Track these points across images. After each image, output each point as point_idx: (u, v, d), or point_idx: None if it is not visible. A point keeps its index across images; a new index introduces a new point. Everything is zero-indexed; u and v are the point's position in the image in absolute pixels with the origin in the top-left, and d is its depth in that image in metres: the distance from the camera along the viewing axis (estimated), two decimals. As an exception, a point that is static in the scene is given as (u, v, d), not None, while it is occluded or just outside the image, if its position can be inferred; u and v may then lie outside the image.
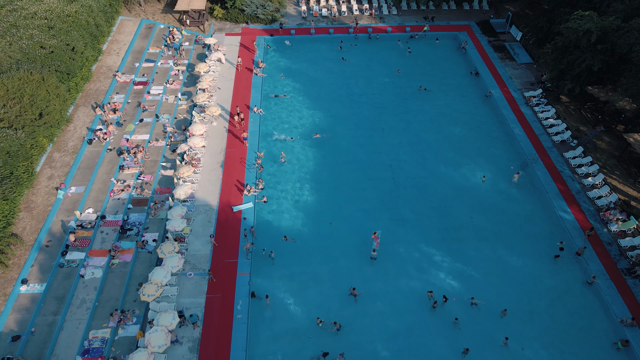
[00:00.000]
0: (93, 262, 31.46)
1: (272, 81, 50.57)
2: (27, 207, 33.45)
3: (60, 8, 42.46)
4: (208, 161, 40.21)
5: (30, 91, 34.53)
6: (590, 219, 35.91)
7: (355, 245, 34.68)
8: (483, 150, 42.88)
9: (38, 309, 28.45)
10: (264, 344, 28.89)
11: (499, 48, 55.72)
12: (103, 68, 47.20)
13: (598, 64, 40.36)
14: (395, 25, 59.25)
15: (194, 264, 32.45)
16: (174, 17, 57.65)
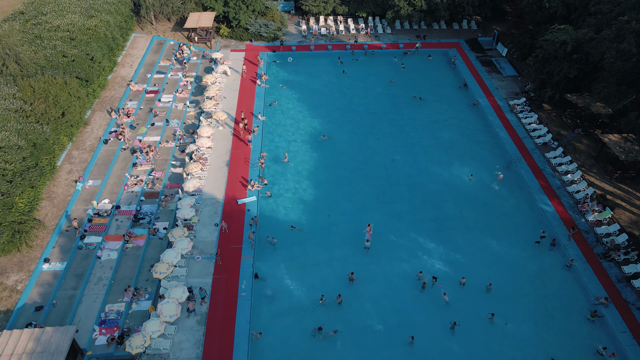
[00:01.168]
0: (109, 245, 34.07)
1: (274, 91, 54.13)
2: (49, 197, 36.28)
3: (82, 22, 46.36)
4: (214, 161, 43.24)
5: (54, 92, 37.89)
6: (569, 211, 38.72)
7: (351, 235, 37.28)
8: (471, 152, 46.02)
9: (59, 284, 30.91)
10: (266, 319, 31.22)
11: (486, 63, 59.68)
12: (118, 78, 50.85)
13: (574, 72, 44.00)
14: (390, 43, 63.44)
15: (202, 249, 35.03)
16: (182, 35, 61.84)
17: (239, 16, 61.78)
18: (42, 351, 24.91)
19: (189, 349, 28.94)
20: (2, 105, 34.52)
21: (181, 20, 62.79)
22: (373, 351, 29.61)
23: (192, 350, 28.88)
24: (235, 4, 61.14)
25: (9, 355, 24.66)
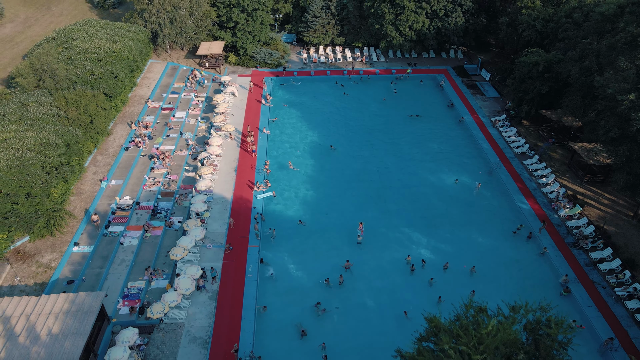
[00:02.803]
0: (130, 234, 38.12)
1: (278, 109, 59.44)
2: (77, 193, 40.64)
3: (107, 46, 52.15)
4: (224, 167, 47.83)
5: (84, 103, 42.95)
6: (543, 208, 42.97)
7: (347, 229, 41.29)
8: (456, 160, 50.69)
9: (87, 263, 34.80)
10: (271, 296, 34.86)
11: (471, 86, 65.40)
12: (137, 96, 56.24)
13: (546, 88, 49.36)
14: (383, 69, 69.45)
15: (213, 239, 39.04)
16: (194, 61, 67.90)
17: (246, 45, 68.02)
18: (77, 311, 28.59)
19: (202, 319, 32.51)
20: (42, 111, 39.45)
21: (193, 48, 69.05)
22: (366, 322, 33.12)
23: (204, 320, 32.45)
24: (243, 35, 67.47)
25: (47, 314, 28.33)
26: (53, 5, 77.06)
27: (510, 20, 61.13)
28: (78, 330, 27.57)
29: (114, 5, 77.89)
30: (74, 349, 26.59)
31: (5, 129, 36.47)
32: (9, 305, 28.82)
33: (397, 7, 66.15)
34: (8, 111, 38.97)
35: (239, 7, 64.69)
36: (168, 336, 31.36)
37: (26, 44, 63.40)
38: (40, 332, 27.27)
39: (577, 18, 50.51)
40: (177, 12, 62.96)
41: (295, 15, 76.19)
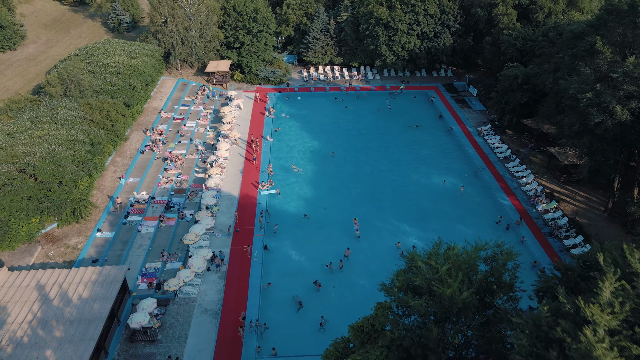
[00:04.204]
0: (147, 223, 42.10)
1: (280, 121, 64.25)
2: (99, 188, 44.85)
3: (126, 61, 57.36)
4: (231, 169, 52.16)
5: (106, 109, 47.67)
6: (523, 204, 47.09)
7: (343, 222, 45.32)
8: (444, 164, 55.07)
9: (109, 246, 38.69)
10: (274, 276, 38.57)
11: (460, 101, 70.47)
12: (150, 108, 61.13)
13: (525, 98, 54.24)
14: (378, 86, 74.72)
15: (221, 229, 42.98)
16: (203, 79, 73.22)
17: (251, 64, 73.47)
18: (103, 281, 32.40)
19: (213, 295, 36.20)
20: (70, 114, 44.08)
21: (202, 66, 74.51)
22: (361, 297, 36.71)
23: (215, 296, 36.14)
24: (248, 54, 73.00)
25: (77, 283, 32.11)
26: (72, 28, 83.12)
27: (493, 39, 66.67)
28: (105, 295, 31.33)
29: (128, 29, 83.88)
30: (102, 310, 30.31)
31: (39, 128, 40.99)
32: (43, 276, 32.64)
33: (391, 29, 71.89)
34: (40, 114, 43.60)
35: (245, 29, 70.42)
36: (182, 308, 34.99)
37: (48, 62, 68.84)
38: (72, 297, 31.01)
39: (552, 37, 55.79)
40: (188, 34, 68.62)
41: (297, 38, 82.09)
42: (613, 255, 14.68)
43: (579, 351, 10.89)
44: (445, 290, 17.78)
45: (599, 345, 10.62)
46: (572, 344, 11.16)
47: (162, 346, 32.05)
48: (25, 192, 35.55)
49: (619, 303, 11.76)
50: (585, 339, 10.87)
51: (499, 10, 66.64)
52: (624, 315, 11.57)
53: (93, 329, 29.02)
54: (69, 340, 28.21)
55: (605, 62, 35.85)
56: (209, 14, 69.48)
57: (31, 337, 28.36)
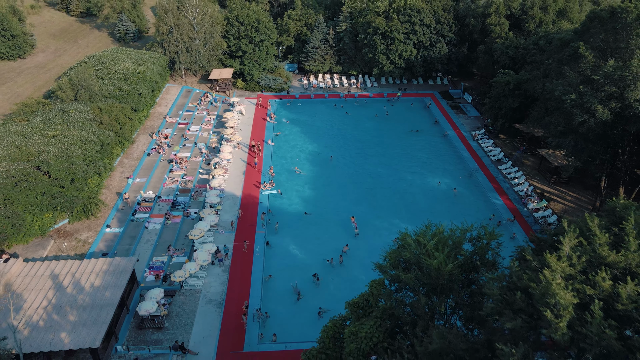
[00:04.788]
0: (154, 220, 43.97)
1: (281, 126, 66.43)
2: (108, 187, 46.79)
3: (133, 68, 59.73)
4: (233, 171, 54.15)
5: (115, 112, 49.82)
6: (515, 203, 48.99)
7: (342, 220, 47.18)
8: (440, 167, 57.08)
9: (118, 241, 40.51)
10: (276, 270, 40.31)
11: (455, 107, 72.74)
12: (156, 113, 63.35)
13: (516, 103, 56.45)
14: (376, 93, 77.07)
15: (224, 226, 44.82)
16: (206, 86, 75.60)
17: (253, 72, 75.92)
18: (114, 271, 34.17)
19: (217, 286, 37.92)
20: (81, 116, 46.19)
21: (205, 75, 76.95)
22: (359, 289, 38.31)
23: (219, 287, 37.85)
24: (250, 63, 75.48)
25: (89, 272, 33.88)
26: (79, 38, 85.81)
27: (487, 48, 69.16)
28: (116, 284, 33.09)
29: (133, 39, 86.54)
30: (113, 297, 32.05)
31: (52, 129, 43.05)
32: (57, 266, 34.41)
33: (388, 38, 74.46)
34: (53, 116, 45.71)
35: (247, 38, 73.00)
36: (188, 298, 36.69)
37: (57, 70, 71.25)
38: (84, 285, 32.77)
39: (542, 45, 58.20)
40: (192, 42, 71.16)
41: (297, 47, 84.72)
42: (578, 224, 16.60)
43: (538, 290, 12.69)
44: (432, 262, 19.61)
45: (555, 283, 12.41)
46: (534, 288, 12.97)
47: (169, 333, 33.69)
48: (39, 188, 37.49)
49: (576, 256, 13.59)
50: (544, 278, 12.69)
51: (492, 21, 69.22)
52: (580, 266, 13.38)
53: (105, 314, 30.74)
54: (83, 324, 29.92)
55: (588, 65, 38.06)
56: (212, 24, 72.09)
57: (46, 321, 30.07)
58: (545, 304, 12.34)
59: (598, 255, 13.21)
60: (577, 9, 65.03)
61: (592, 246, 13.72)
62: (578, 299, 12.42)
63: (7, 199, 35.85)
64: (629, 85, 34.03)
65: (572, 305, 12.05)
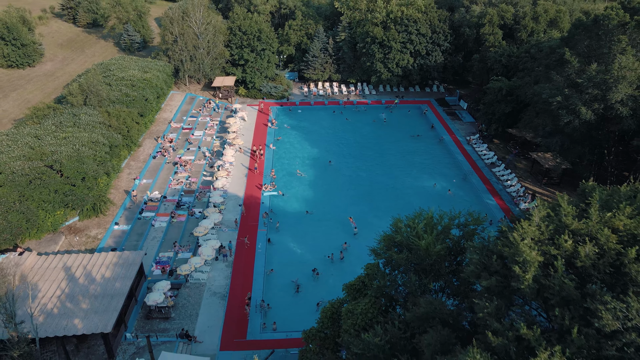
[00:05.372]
0: (160, 219, 45.77)
1: (282, 131, 68.56)
2: (115, 187, 48.69)
3: (139, 75, 62.01)
4: (236, 173, 56.08)
5: (123, 116, 51.92)
6: (507, 203, 50.82)
7: (341, 219, 49.00)
8: (435, 170, 59.05)
9: (126, 237, 42.29)
10: (276, 266, 42.03)
11: (451, 114, 74.94)
12: (161, 118, 65.51)
13: (509, 108, 58.62)
14: (374, 100, 79.38)
15: (228, 224, 46.62)
16: (209, 93, 77.89)
17: (254, 80, 78.27)
18: (123, 263, 35.90)
19: (221, 280, 39.62)
20: (91, 119, 48.26)
21: (208, 82, 79.31)
22: (356, 283, 40.07)
23: (222, 281, 39.55)
24: (252, 71, 77.86)
25: (100, 265, 35.60)
26: (86, 48, 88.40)
27: (481, 56, 71.57)
28: (125, 275, 34.79)
29: (138, 49, 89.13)
30: (123, 287, 33.74)
31: (64, 131, 45.07)
32: (69, 259, 36.13)
33: (386, 47, 76.95)
34: (64, 119, 47.77)
35: (249, 47, 75.47)
36: (193, 291, 38.38)
37: (65, 78, 73.57)
38: (95, 276, 34.48)
39: (533, 53, 60.59)
40: (196, 51, 73.60)
41: (298, 56, 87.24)
42: (551, 204, 18.48)
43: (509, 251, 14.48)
44: (420, 243, 21.43)
45: (522, 243, 14.20)
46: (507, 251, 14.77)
47: (175, 323, 35.33)
48: (52, 186, 39.38)
49: (544, 225, 15.41)
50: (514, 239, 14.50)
51: (486, 30, 71.69)
52: (547, 233, 15.17)
53: (115, 302, 32.40)
54: (94, 311, 31.58)
55: (574, 70, 40.22)
56: (216, 34, 74.60)
57: (60, 309, 31.73)
58: (515, 262, 14.12)
59: (563, 223, 15.04)
60: (567, 19, 67.51)
61: (558, 217, 15.56)
62: (543, 258, 14.20)
63: (22, 196, 37.71)
64: (610, 88, 36.12)
65: (538, 262, 13.83)
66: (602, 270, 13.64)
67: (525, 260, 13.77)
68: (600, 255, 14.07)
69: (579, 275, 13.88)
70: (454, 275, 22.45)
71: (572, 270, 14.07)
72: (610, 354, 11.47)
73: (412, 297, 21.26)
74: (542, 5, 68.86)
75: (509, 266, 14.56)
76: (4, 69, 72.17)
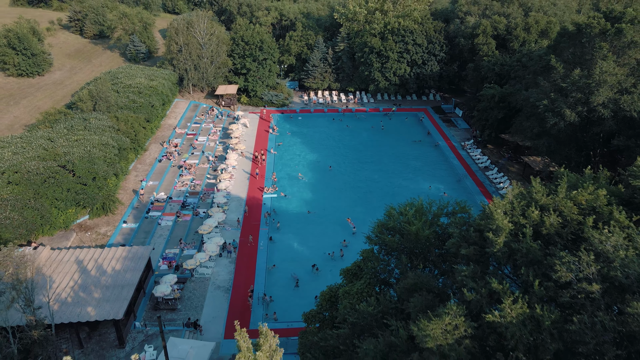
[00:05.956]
0: (166, 218, 47.77)
1: (283, 137, 70.86)
2: (123, 188, 50.77)
3: (146, 82, 64.49)
4: (238, 177, 58.19)
5: (130, 121, 54.22)
6: (500, 204, 52.80)
7: (339, 219, 51.00)
8: (431, 173, 61.18)
9: (134, 234, 44.24)
10: (277, 262, 43.92)
11: (446, 121, 77.32)
12: (166, 125, 67.83)
13: (501, 114, 60.93)
14: (372, 108, 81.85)
15: (231, 224, 48.58)
16: (212, 101, 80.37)
17: (256, 88, 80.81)
18: (132, 257, 37.83)
19: (224, 275, 41.48)
20: (101, 123, 50.53)
21: (211, 90, 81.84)
22: (353, 278, 41.93)
23: (226, 276, 41.41)
24: (253, 80, 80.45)
25: (110, 258, 37.52)
26: (93, 58, 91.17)
27: (475, 65, 74.14)
28: (135, 268, 36.72)
29: (143, 59, 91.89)
30: (133, 278, 35.65)
31: (75, 134, 47.28)
32: (81, 253, 38.07)
33: (383, 57, 79.63)
34: (75, 123, 50.04)
35: (251, 57, 78.15)
36: (198, 285, 40.21)
37: (73, 86, 76.08)
38: (106, 269, 36.40)
39: (524, 61, 63.11)
40: (200, 61, 76.24)
41: (298, 66, 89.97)
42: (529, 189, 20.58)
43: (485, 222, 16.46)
44: (411, 228, 23.43)
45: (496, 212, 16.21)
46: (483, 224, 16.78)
47: (182, 314, 37.11)
48: (65, 185, 41.46)
49: (517, 201, 17.46)
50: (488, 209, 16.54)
51: (480, 40, 74.35)
52: (519, 208, 17.19)
53: (126, 292, 34.29)
54: (106, 300, 33.45)
55: (559, 75, 42.54)
56: (219, 44, 77.33)
57: (74, 298, 33.60)
58: (489, 229, 16.11)
59: (533, 199, 17.07)
60: (557, 29, 70.01)
61: (530, 194, 17.61)
62: (513, 226, 16.19)
63: (37, 194, 39.76)
64: (593, 91, 38.37)
65: (509, 229, 15.82)
66: (564, 237, 15.63)
67: (498, 227, 15.77)
68: (564, 225, 16.07)
69: (545, 241, 15.86)
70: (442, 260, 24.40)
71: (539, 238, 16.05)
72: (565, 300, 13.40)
73: (403, 276, 23.19)
74: (533, 17, 71.63)
75: (485, 237, 16.55)
76: (15, 77, 74.72)
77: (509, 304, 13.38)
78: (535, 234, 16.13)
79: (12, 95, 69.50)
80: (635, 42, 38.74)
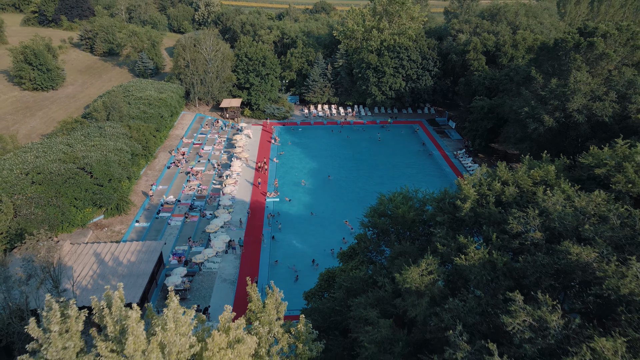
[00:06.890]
0: (175, 218, 51.03)
1: (284, 147, 74.54)
2: (135, 192, 54.15)
3: (156, 95, 68.49)
4: (243, 182, 61.63)
5: (142, 129, 57.92)
6: (489, 207, 56.11)
7: (337, 221, 54.25)
8: (424, 180, 64.53)
9: (146, 233, 47.44)
10: (281, 257, 47.02)
11: (440, 132, 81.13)
12: (174, 135, 71.59)
13: (490, 124, 64.69)
14: (370, 120, 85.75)
15: (235, 224, 51.80)
16: (217, 114, 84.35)
17: (259, 102, 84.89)
18: (146, 250, 40.99)
19: (230, 269, 44.56)
20: (115, 131, 54.22)
21: (216, 104, 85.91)
22: (350, 272, 45.00)
23: (232, 270, 44.49)
24: (256, 94, 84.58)
25: (126, 252, 40.66)
26: (103, 74, 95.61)
27: (466, 80, 78.32)
28: (148, 259, 39.86)
29: (151, 75, 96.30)
30: (147, 268, 38.76)
31: (92, 140, 50.92)
32: (98, 247, 41.24)
33: (380, 72, 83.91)
34: (91, 131, 53.74)
35: (254, 72, 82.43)
36: (205, 278, 43.26)
37: (85, 99, 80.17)
38: (122, 260, 39.53)
39: (512, 75, 67.15)
40: (206, 75, 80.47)
41: (299, 81, 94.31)
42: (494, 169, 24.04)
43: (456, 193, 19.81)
44: (398, 211, 26.75)
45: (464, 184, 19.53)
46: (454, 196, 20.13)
47: (191, 302, 40.02)
48: (83, 185, 44.85)
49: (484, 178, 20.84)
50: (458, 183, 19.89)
51: (471, 56, 78.74)
52: (486, 184, 20.55)
53: (141, 280, 37.37)
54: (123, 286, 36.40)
55: (539, 85, 46.34)
56: (224, 59, 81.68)
57: (93, 285, 36.67)
58: (458, 198, 19.42)
59: (497, 176, 20.47)
60: (543, 45, 74.49)
61: (495, 173, 21.03)
62: (478, 196, 19.52)
63: (58, 193, 43.12)
64: (568, 99, 42.08)
65: (474, 197, 19.15)
66: (520, 203, 18.94)
67: (465, 196, 19.11)
68: (520, 196, 19.42)
69: (504, 208, 19.18)
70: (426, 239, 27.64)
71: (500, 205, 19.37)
72: (515, 247, 16.61)
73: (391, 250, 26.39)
74: (520, 34, 76.11)
75: (456, 205, 19.89)
76: (30, 91, 78.83)
77: (473, 249, 16.60)
78: (496, 202, 19.45)
79: (28, 107, 73.46)
80: (607, 54, 42.60)
